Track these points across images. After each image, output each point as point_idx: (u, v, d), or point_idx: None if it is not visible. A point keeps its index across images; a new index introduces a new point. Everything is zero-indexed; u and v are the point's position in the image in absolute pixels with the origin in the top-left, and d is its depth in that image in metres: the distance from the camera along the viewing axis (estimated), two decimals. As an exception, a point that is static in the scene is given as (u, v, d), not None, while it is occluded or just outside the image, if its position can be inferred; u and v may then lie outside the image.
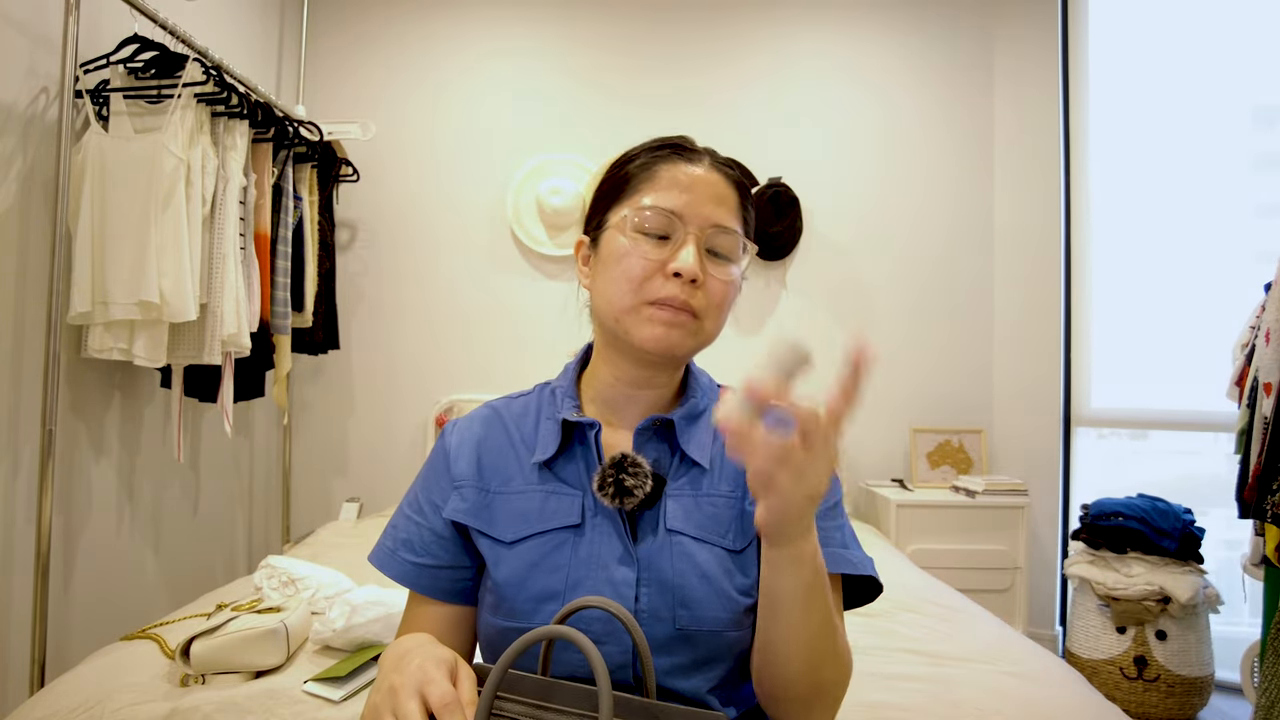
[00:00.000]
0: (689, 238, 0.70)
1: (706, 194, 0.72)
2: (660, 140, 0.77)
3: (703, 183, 0.72)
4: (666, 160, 0.74)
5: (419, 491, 0.80)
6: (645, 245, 0.71)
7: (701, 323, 0.72)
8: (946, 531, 2.58)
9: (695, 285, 0.70)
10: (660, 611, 0.69)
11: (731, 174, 0.76)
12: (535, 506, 0.74)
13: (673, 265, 0.69)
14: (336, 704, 1.13)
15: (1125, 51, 2.80)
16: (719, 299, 0.72)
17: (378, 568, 0.78)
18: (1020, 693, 1.24)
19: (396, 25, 3.00)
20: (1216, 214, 2.59)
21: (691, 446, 0.75)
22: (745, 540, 0.73)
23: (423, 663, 0.57)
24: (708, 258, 0.71)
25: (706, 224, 0.71)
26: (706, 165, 0.74)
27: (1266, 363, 1.80)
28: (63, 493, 1.82)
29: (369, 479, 2.95)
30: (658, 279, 0.70)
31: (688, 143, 0.77)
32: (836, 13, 3.02)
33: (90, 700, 1.11)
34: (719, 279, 0.71)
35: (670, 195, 0.72)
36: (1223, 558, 2.51)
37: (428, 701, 0.54)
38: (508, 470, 0.77)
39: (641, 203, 0.72)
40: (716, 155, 0.77)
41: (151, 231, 1.72)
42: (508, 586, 0.72)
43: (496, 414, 0.82)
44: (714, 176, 0.73)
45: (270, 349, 2.22)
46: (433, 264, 2.97)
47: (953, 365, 2.97)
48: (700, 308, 0.71)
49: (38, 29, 1.72)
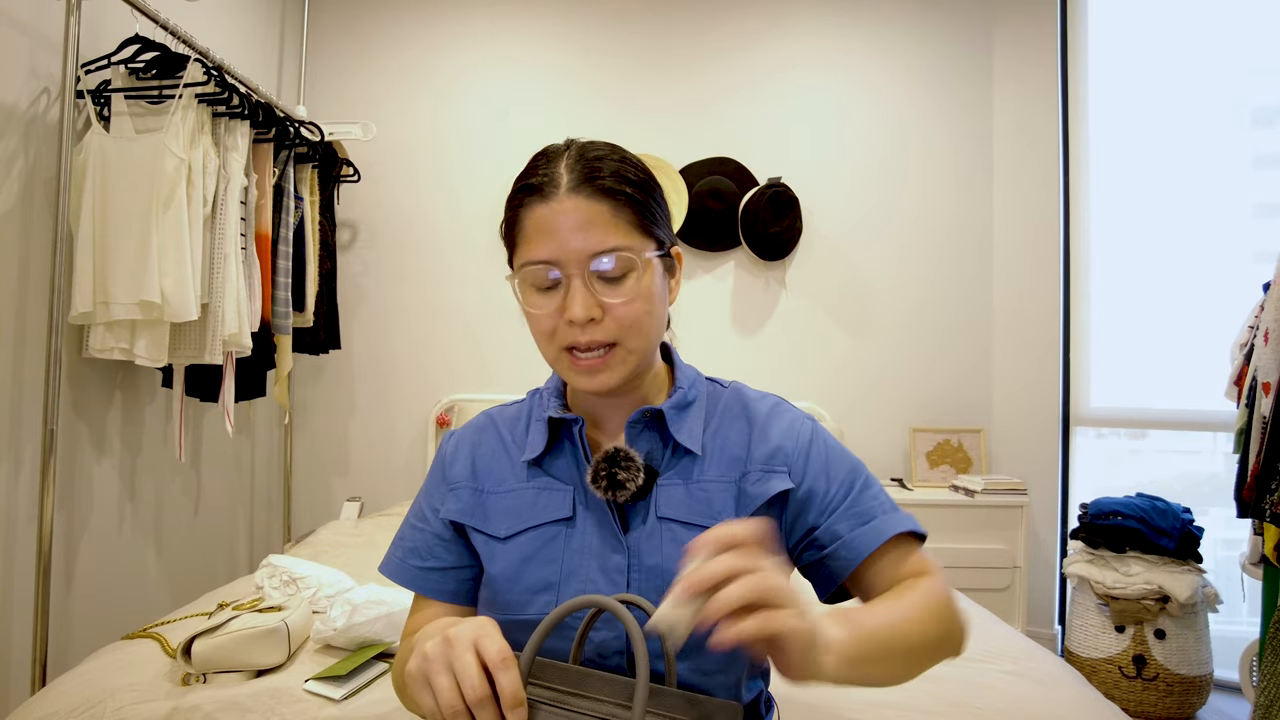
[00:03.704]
0: (570, 281, 0.69)
1: (571, 227, 0.69)
2: (521, 179, 0.73)
3: (564, 217, 0.69)
4: (526, 207, 0.71)
5: (421, 501, 0.83)
6: (540, 300, 0.71)
7: (623, 347, 0.71)
8: (946, 531, 2.58)
9: (597, 322, 0.70)
10: (650, 596, 0.70)
11: (596, 185, 0.70)
12: (527, 503, 0.76)
13: (565, 314, 0.70)
14: (337, 703, 1.13)
15: (1124, 51, 2.80)
16: (631, 318, 0.70)
17: (389, 578, 0.81)
18: (1019, 692, 1.24)
19: (398, 26, 3.00)
20: (1215, 214, 2.59)
21: (683, 435, 0.76)
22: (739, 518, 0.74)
23: (477, 620, 0.58)
24: (601, 284, 0.70)
25: (582, 258, 0.69)
26: (563, 192, 0.69)
27: (1265, 362, 1.81)
28: (64, 492, 1.82)
29: (370, 478, 2.96)
30: (562, 328, 0.71)
31: (542, 175, 0.71)
32: (836, 13, 3.02)
33: (92, 699, 1.11)
34: (620, 302, 0.70)
35: (538, 245, 0.70)
36: (1221, 557, 2.52)
37: (483, 655, 0.54)
38: (500, 471, 0.80)
39: (522, 260, 0.71)
40: (576, 168, 0.71)
41: (153, 231, 1.72)
42: (502, 580, 0.74)
43: (490, 420, 0.85)
44: (572, 203, 0.69)
45: (271, 349, 2.22)
46: (433, 264, 2.98)
47: (952, 365, 2.98)
48: (615, 336, 0.70)
49: (39, 29, 1.72)
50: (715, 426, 0.79)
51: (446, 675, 0.54)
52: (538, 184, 0.71)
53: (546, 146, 0.76)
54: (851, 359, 2.98)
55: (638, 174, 0.73)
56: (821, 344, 2.98)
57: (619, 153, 0.74)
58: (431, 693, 0.54)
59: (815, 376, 2.97)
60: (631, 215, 0.71)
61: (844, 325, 2.98)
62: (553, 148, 0.75)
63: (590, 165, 0.71)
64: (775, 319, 2.99)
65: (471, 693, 0.53)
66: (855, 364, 2.98)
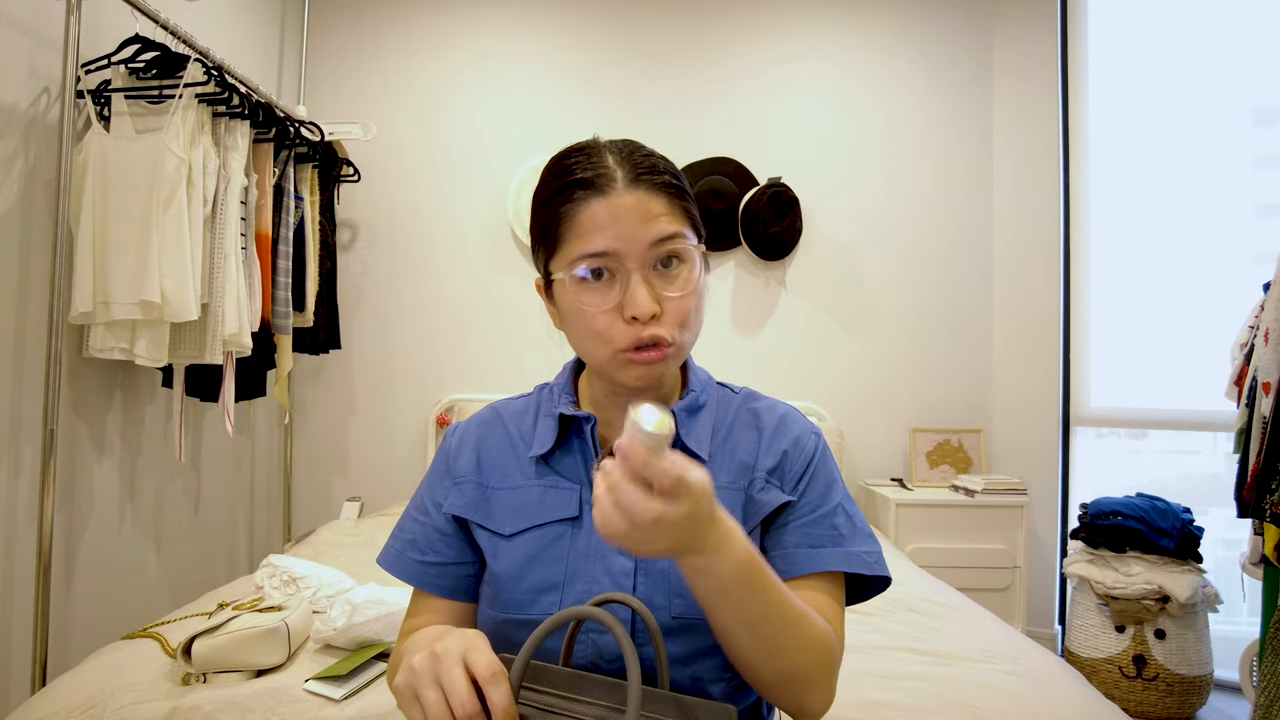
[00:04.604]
0: (631, 274, 0.68)
1: (633, 219, 0.68)
2: (565, 176, 0.71)
3: (625, 209, 0.68)
4: (578, 201, 0.69)
5: (423, 493, 0.81)
6: (594, 297, 0.69)
7: (677, 344, 0.71)
8: (946, 531, 2.58)
9: (656, 318, 0.69)
10: (656, 600, 0.70)
11: (653, 179, 0.70)
12: (533, 500, 0.75)
13: (627, 310, 0.68)
14: (337, 703, 1.13)
15: (1125, 51, 2.80)
16: (684, 313, 0.70)
17: (386, 569, 0.80)
18: (1019, 692, 1.24)
19: (397, 26, 3.00)
20: (1215, 214, 2.59)
21: (691, 439, 0.76)
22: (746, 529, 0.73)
23: (465, 634, 0.57)
24: (659, 275, 0.69)
25: (644, 248, 0.68)
26: (621, 187, 0.68)
27: (1265, 362, 1.81)
28: (64, 492, 1.82)
29: (369, 478, 2.96)
30: (619, 325, 0.69)
31: (596, 170, 0.69)
32: (836, 13, 3.02)
33: (92, 699, 1.12)
34: (677, 296, 0.69)
35: (597, 238, 0.68)
36: (1221, 557, 2.52)
37: (472, 670, 0.54)
38: (506, 466, 0.78)
39: (573, 255, 0.69)
40: (629, 162, 0.70)
41: (153, 231, 1.72)
42: (506, 579, 0.73)
43: (496, 414, 0.84)
44: (634, 197, 0.68)
45: (271, 348, 2.22)
46: (433, 264, 2.98)
47: (952, 365, 2.98)
48: (671, 333, 0.70)
49: (39, 29, 1.72)
50: (725, 432, 0.78)
51: (434, 690, 0.53)
52: (591, 178, 0.69)
53: (575, 143, 0.73)
54: (852, 359, 2.98)
55: (678, 170, 0.74)
56: (822, 344, 2.98)
57: (658, 153, 0.74)
58: (420, 707, 0.54)
59: (815, 376, 2.97)
60: (685, 207, 0.72)
61: (844, 325, 2.98)
62: (588, 144, 0.72)
63: (644, 159, 0.71)
64: (775, 319, 2.99)
65: (460, 708, 0.52)
66: (855, 364, 2.98)
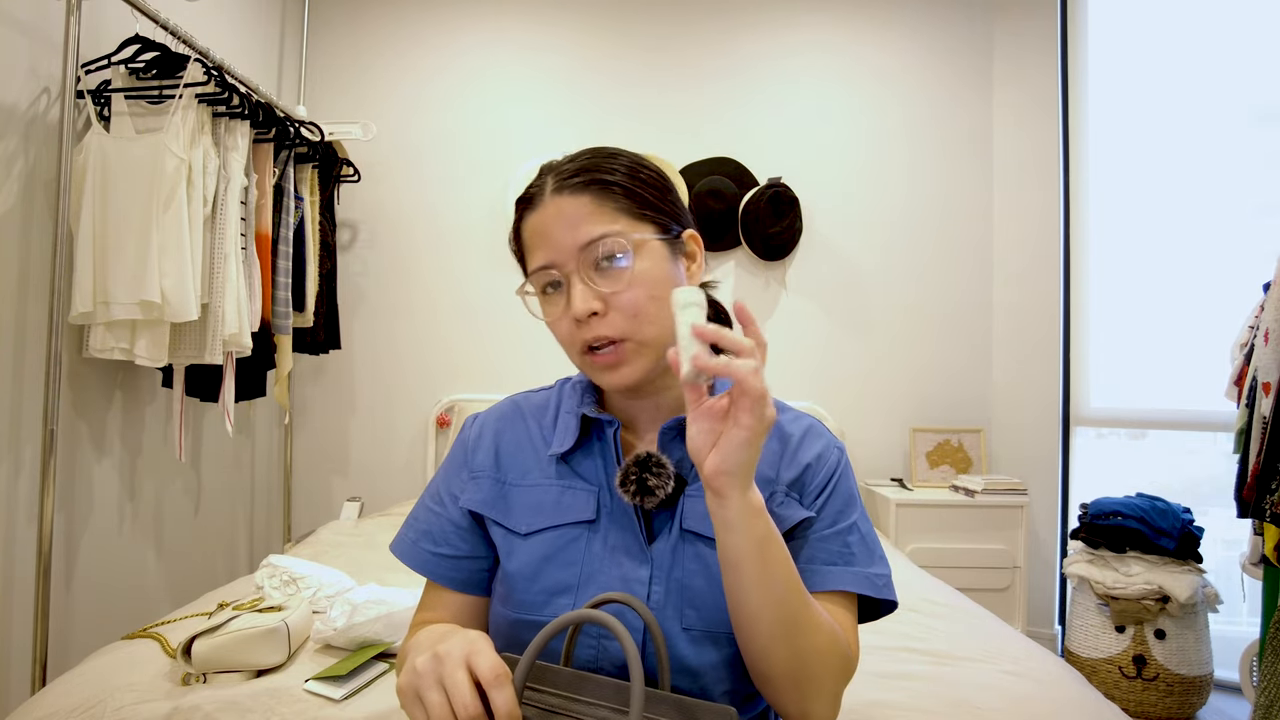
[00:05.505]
0: (569, 280, 0.70)
1: (559, 227, 0.70)
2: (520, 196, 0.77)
3: (551, 221, 0.71)
4: (523, 220, 0.75)
5: (439, 483, 0.81)
6: (551, 307, 0.73)
7: (634, 340, 0.70)
8: (946, 531, 2.58)
9: (600, 315, 0.69)
10: (667, 609, 0.69)
11: (575, 182, 0.71)
12: (551, 500, 0.75)
13: (570, 314, 0.70)
14: (337, 703, 1.13)
15: (1125, 51, 2.80)
16: (633, 306, 0.69)
17: (399, 558, 0.79)
18: (1019, 692, 1.24)
19: (397, 26, 3.00)
20: (1215, 214, 2.59)
21: None
22: None
23: (468, 635, 0.57)
24: (601, 274, 0.69)
25: (573, 254, 0.69)
26: (546, 198, 0.72)
27: (1265, 362, 1.81)
28: (64, 492, 1.83)
29: (370, 478, 2.96)
30: (574, 331, 0.71)
31: (534, 187, 0.75)
32: (836, 13, 3.02)
33: (92, 699, 1.11)
34: (617, 290, 0.69)
35: (536, 252, 0.72)
36: (1221, 557, 2.52)
37: (475, 672, 0.54)
38: (525, 463, 0.78)
39: (530, 271, 0.74)
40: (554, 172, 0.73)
41: (153, 231, 1.72)
42: (519, 578, 0.72)
43: (516, 407, 0.83)
44: (556, 205, 0.71)
45: (271, 349, 2.22)
46: (434, 264, 2.98)
47: (952, 365, 2.98)
48: (622, 328, 0.69)
49: (39, 30, 1.72)
50: None
51: (437, 691, 0.53)
52: (529, 195, 0.75)
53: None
54: (852, 358, 2.98)
55: (620, 164, 0.73)
56: (821, 344, 2.98)
57: (604, 151, 0.75)
58: (423, 709, 0.54)
59: (815, 376, 2.97)
60: (618, 202, 0.71)
61: (844, 325, 2.98)
62: (546, 164, 0.76)
63: (568, 165, 0.73)
64: (775, 319, 2.99)
65: (463, 710, 0.52)
66: (855, 363, 2.98)
